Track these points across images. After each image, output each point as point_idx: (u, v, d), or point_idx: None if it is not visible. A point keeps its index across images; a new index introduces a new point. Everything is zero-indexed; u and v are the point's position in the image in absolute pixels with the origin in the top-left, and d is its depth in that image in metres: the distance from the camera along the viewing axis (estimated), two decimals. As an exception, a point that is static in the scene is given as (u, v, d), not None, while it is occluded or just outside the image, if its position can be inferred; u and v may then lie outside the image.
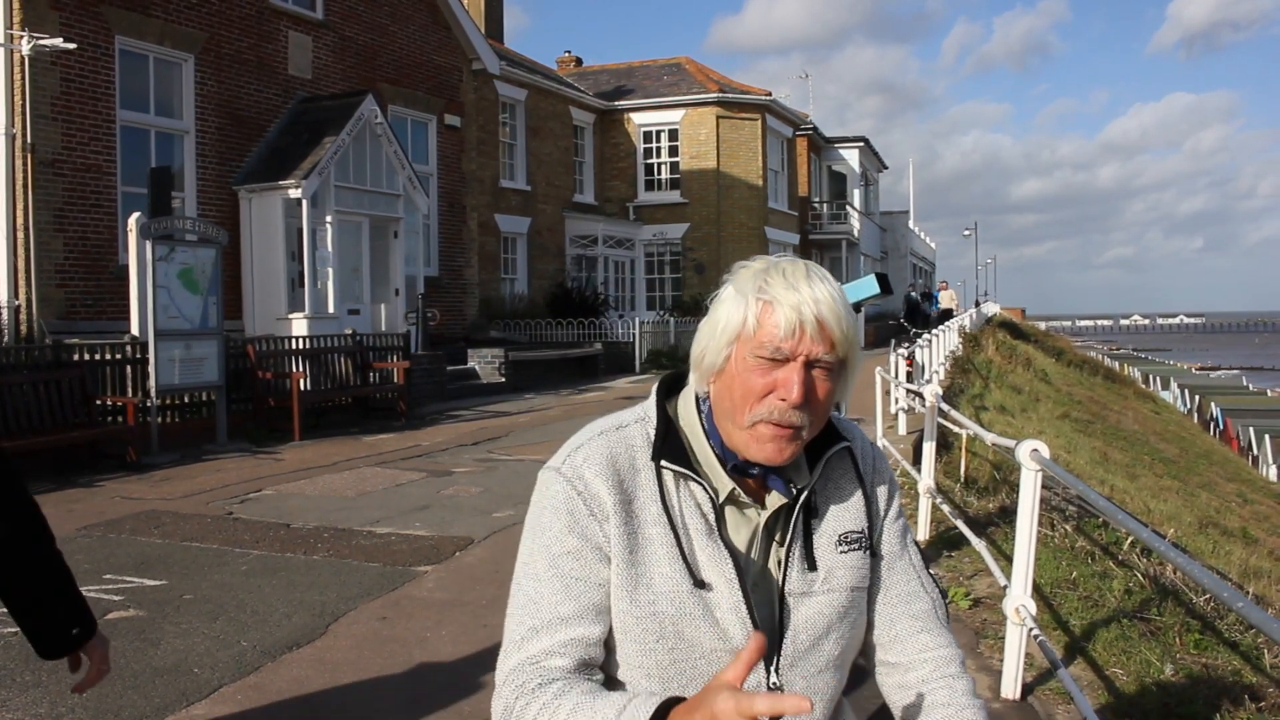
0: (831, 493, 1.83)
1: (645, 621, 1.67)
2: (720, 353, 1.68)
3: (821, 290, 1.64)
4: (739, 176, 33.01)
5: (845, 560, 1.79)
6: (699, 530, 1.70)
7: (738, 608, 1.67)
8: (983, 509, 8.61)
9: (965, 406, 15.60)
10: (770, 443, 1.65)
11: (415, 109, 21.83)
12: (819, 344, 1.63)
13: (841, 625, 1.78)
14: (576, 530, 1.69)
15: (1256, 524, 20.83)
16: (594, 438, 1.77)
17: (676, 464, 1.71)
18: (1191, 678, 4.90)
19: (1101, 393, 32.89)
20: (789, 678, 1.73)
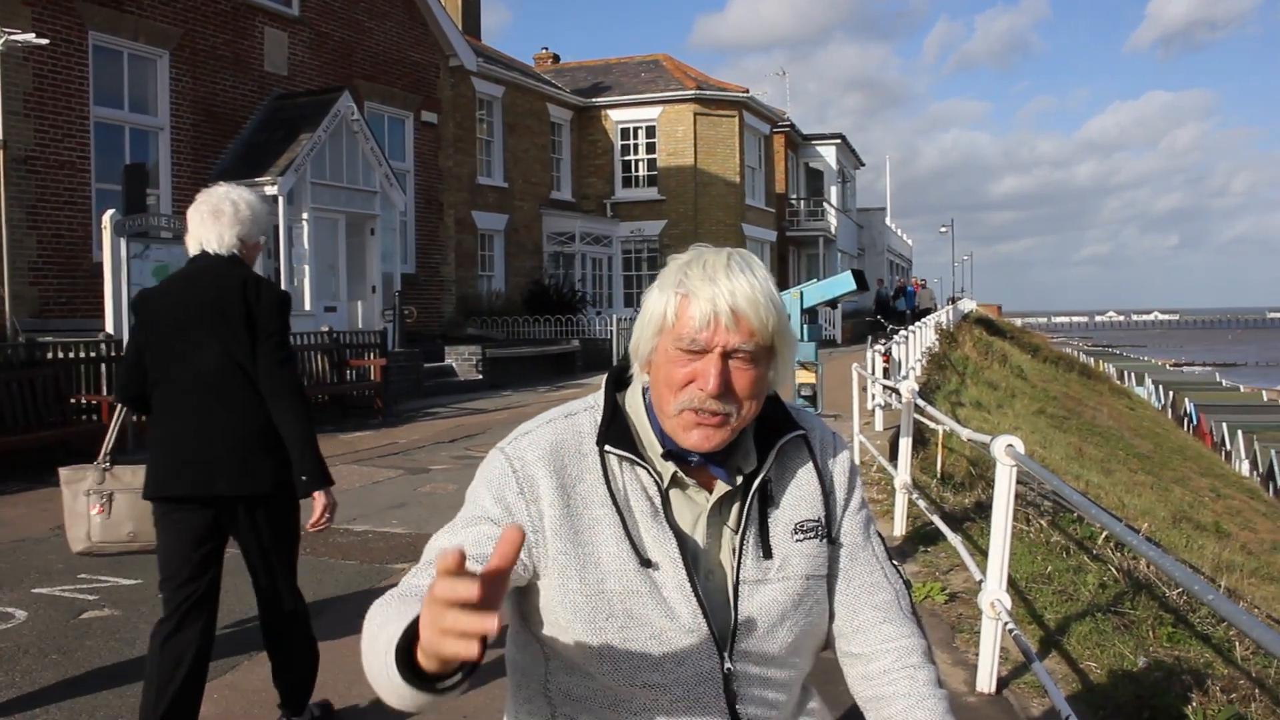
0: (787, 480, 1.84)
1: (594, 600, 1.68)
2: (648, 344, 1.73)
3: (740, 281, 1.67)
4: (716, 173, 33.04)
5: (801, 548, 1.80)
6: (644, 512, 1.73)
7: (683, 586, 1.69)
8: (959, 504, 8.65)
9: (942, 403, 15.67)
10: (695, 430, 1.68)
11: (392, 106, 21.78)
12: (735, 334, 1.66)
13: (796, 614, 1.78)
14: (503, 504, 1.71)
15: (1229, 518, 20.99)
16: (543, 425, 1.80)
17: (620, 448, 1.74)
18: (1164, 670, 4.94)
19: (1077, 389, 33.07)
20: (743, 664, 1.73)
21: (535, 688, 1.79)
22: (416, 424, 14.39)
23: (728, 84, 34.86)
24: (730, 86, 34.39)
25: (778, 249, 38.87)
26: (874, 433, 12.32)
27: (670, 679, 1.69)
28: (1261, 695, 4.74)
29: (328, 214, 18.25)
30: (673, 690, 1.69)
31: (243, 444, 3.71)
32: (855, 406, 11.60)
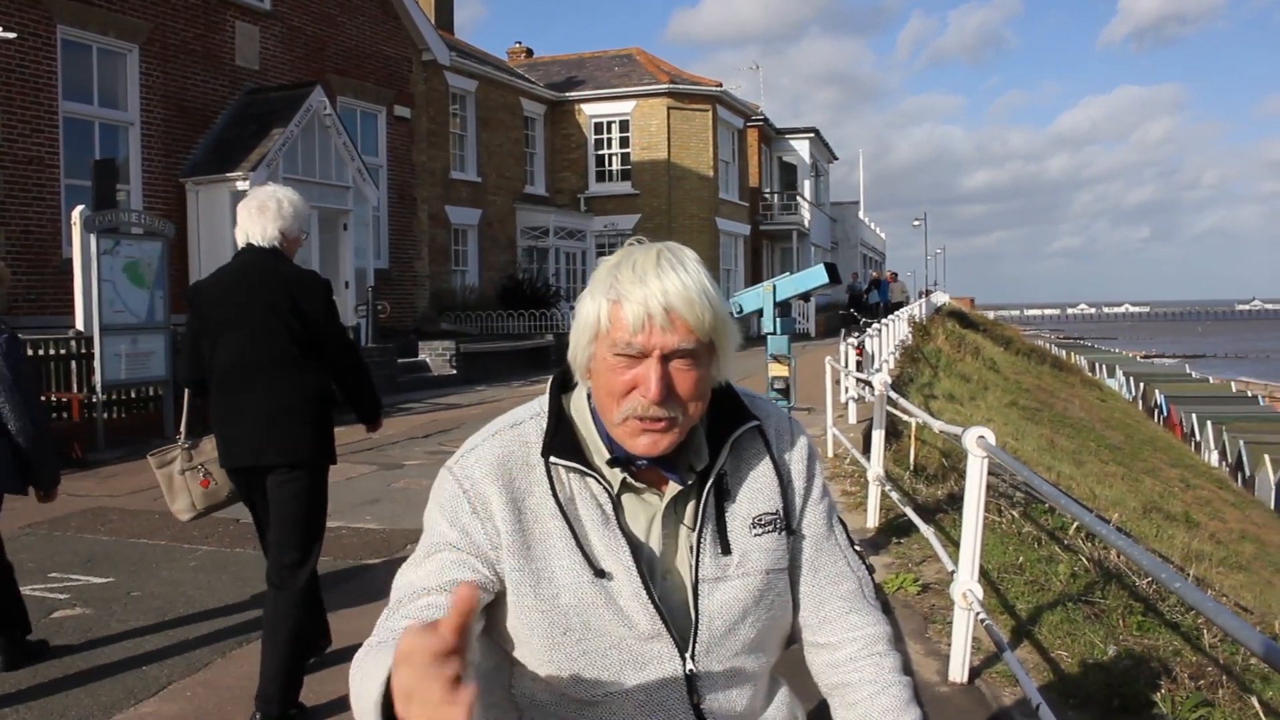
0: (743, 473, 1.81)
1: (550, 615, 1.66)
2: (584, 352, 1.68)
3: (671, 279, 1.61)
4: (690, 167, 33.05)
5: (759, 543, 1.77)
6: (595, 521, 1.70)
7: (638, 594, 1.66)
8: (931, 496, 8.70)
9: (915, 395, 15.74)
10: (642, 436, 1.64)
11: (364, 100, 21.68)
12: (672, 334, 1.60)
13: (758, 609, 1.76)
14: (458, 526, 1.69)
15: (1198, 508, 21.17)
16: (489, 438, 1.77)
17: (566, 459, 1.71)
18: (1134, 658, 4.98)
19: (1049, 381, 33.26)
20: (705, 663, 1.71)
21: (500, 693, 1.78)
22: (390, 420, 14.31)
23: (701, 78, 34.87)
24: (704, 80, 34.41)
25: (751, 243, 38.94)
26: (847, 425, 12.37)
27: (633, 685, 1.68)
28: (1229, 682, 4.79)
29: (300, 209, 18.15)
30: (636, 696, 1.68)
31: (287, 418, 4.21)
32: (829, 399, 11.64)
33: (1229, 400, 58.88)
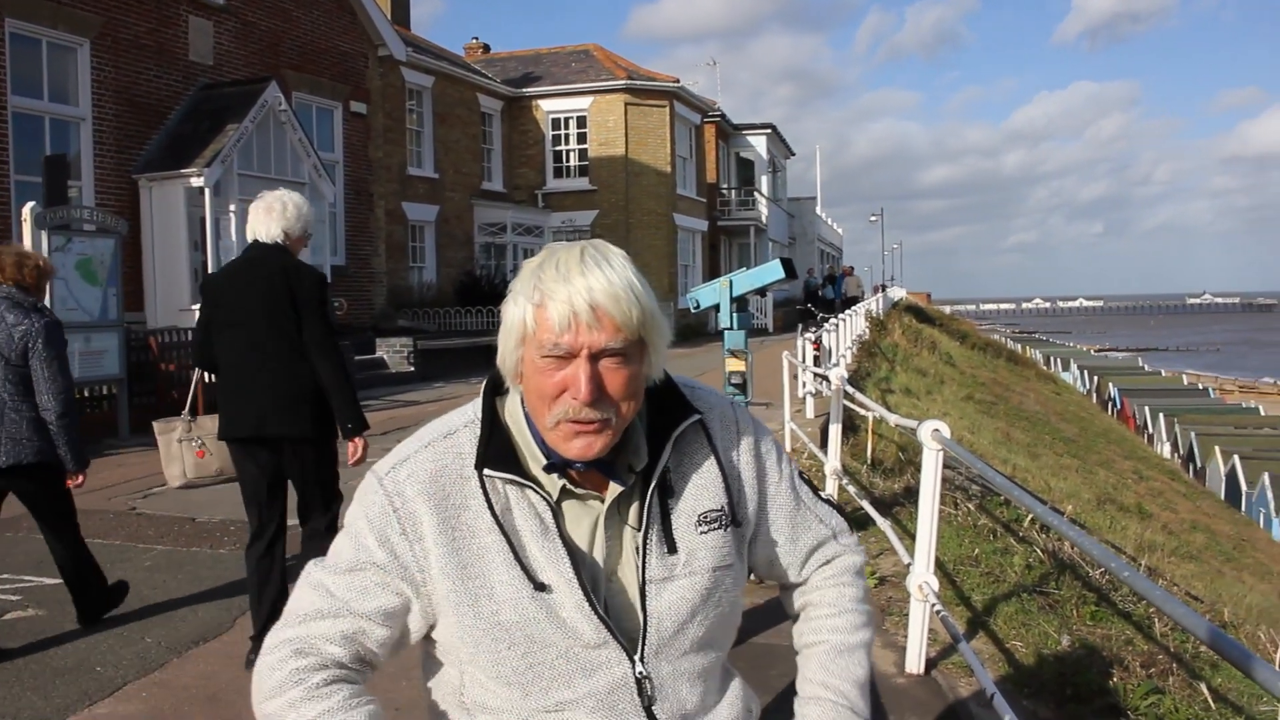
0: (687, 470, 1.77)
1: (493, 631, 1.64)
2: (513, 355, 1.64)
3: (596, 277, 1.57)
4: (647, 163, 33.07)
5: (706, 541, 1.74)
6: (534, 532, 1.66)
7: (580, 606, 1.63)
8: (888, 489, 8.76)
9: (872, 390, 15.83)
10: (576, 439, 1.60)
11: (320, 96, 21.53)
12: (600, 333, 1.56)
13: (706, 607, 1.74)
14: (386, 546, 1.67)
15: (1151, 499, 21.44)
16: (421, 449, 1.73)
17: (501, 470, 1.67)
18: (1087, 648, 5.05)
19: (1004, 375, 33.56)
20: (655, 665, 1.69)
21: (451, 700, 1.76)
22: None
23: (658, 74, 34.89)
24: (661, 76, 34.43)
25: (709, 238, 39.01)
26: (805, 420, 12.43)
27: (582, 693, 1.66)
28: (1179, 669, 4.87)
29: (255, 205, 18.02)
30: (586, 703, 1.66)
31: (287, 396, 4.73)
32: (786, 394, 11.70)
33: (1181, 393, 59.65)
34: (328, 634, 1.66)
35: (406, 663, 4.47)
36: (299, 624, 1.68)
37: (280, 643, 1.68)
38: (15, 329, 5.05)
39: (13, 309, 5.10)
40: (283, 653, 1.67)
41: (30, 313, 5.15)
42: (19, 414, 5.02)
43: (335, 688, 1.65)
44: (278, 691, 1.64)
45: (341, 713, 1.63)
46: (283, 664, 1.65)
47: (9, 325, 5.05)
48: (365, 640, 1.68)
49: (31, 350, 5.05)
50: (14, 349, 5.03)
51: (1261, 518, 35.27)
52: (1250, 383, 75.51)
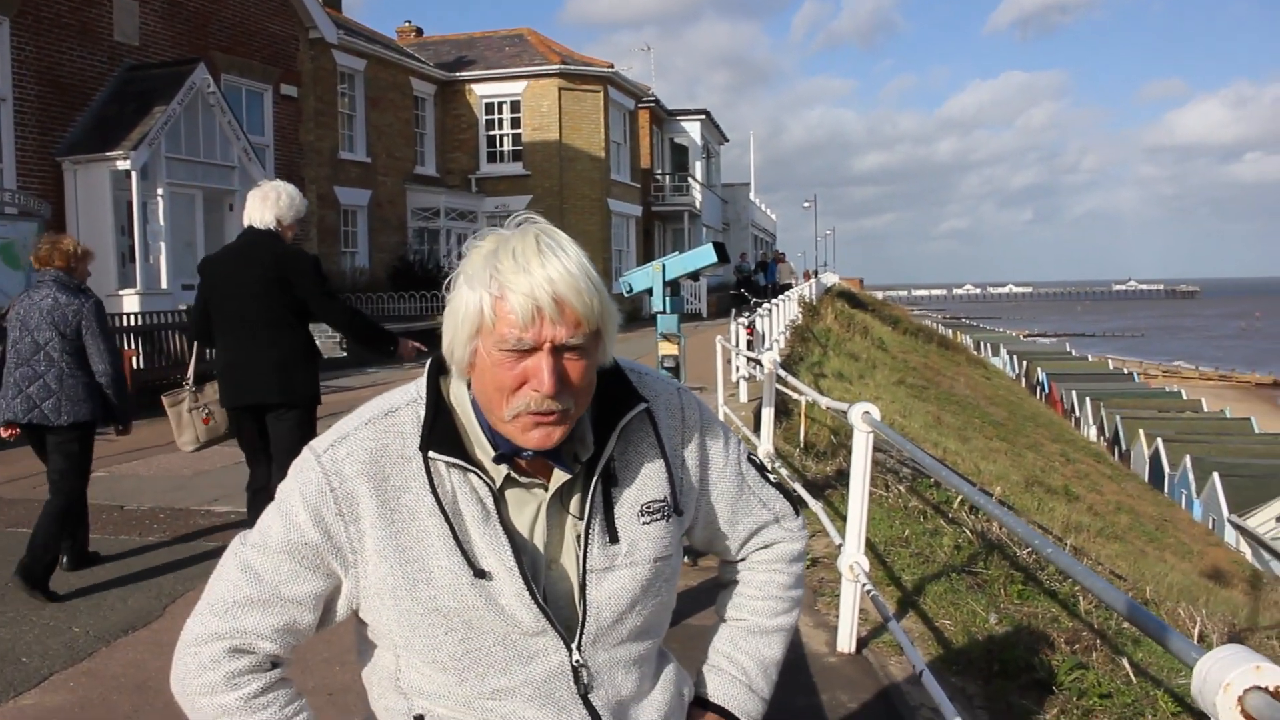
0: (632, 460, 1.75)
1: (430, 617, 1.63)
2: (466, 347, 1.59)
3: (555, 266, 1.54)
4: (581, 148, 33.01)
5: (648, 531, 1.73)
6: (476, 517, 1.64)
7: (520, 594, 1.62)
8: (821, 472, 8.85)
9: (805, 374, 15.95)
10: (535, 430, 1.57)
11: (250, 78, 21.23)
12: (562, 326, 1.54)
13: (645, 597, 1.74)
14: (321, 525, 1.63)
15: (1078, 481, 21.84)
16: (361, 426, 1.68)
17: (445, 454, 1.63)
18: (1014, 626, 5.15)
19: (935, 359, 33.95)
20: (592, 653, 1.69)
21: (388, 683, 1.75)
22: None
23: (592, 59, 34.82)
24: (595, 61, 34.35)
25: (643, 223, 39.03)
26: (739, 404, 12.51)
27: (519, 681, 1.65)
28: (1102, 645, 4.98)
29: (184, 189, 17.76)
30: (522, 691, 1.66)
31: (279, 367, 5.29)
32: (719, 378, 11.76)
33: (1106, 377, 60.73)
34: (259, 628, 1.64)
35: (340, 648, 4.48)
36: (228, 614, 1.64)
37: (211, 636, 1.65)
38: (68, 308, 5.82)
39: (63, 290, 5.87)
40: (215, 650, 1.64)
41: (78, 294, 5.93)
42: (75, 379, 5.84)
43: (271, 696, 1.65)
44: (210, 692, 1.64)
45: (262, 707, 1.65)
46: (215, 665, 1.64)
47: (62, 305, 5.81)
48: (296, 628, 1.67)
49: (85, 327, 5.84)
50: (69, 325, 5.81)
51: (1183, 499, 36.04)
52: (1173, 367, 77.06)
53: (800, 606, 2.03)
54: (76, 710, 4.23)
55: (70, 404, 5.80)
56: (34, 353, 5.79)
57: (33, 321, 5.81)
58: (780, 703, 4.34)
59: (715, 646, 1.99)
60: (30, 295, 5.93)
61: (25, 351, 5.80)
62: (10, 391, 5.80)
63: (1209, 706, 1.50)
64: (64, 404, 5.79)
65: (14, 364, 5.82)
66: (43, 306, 5.81)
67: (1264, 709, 1.43)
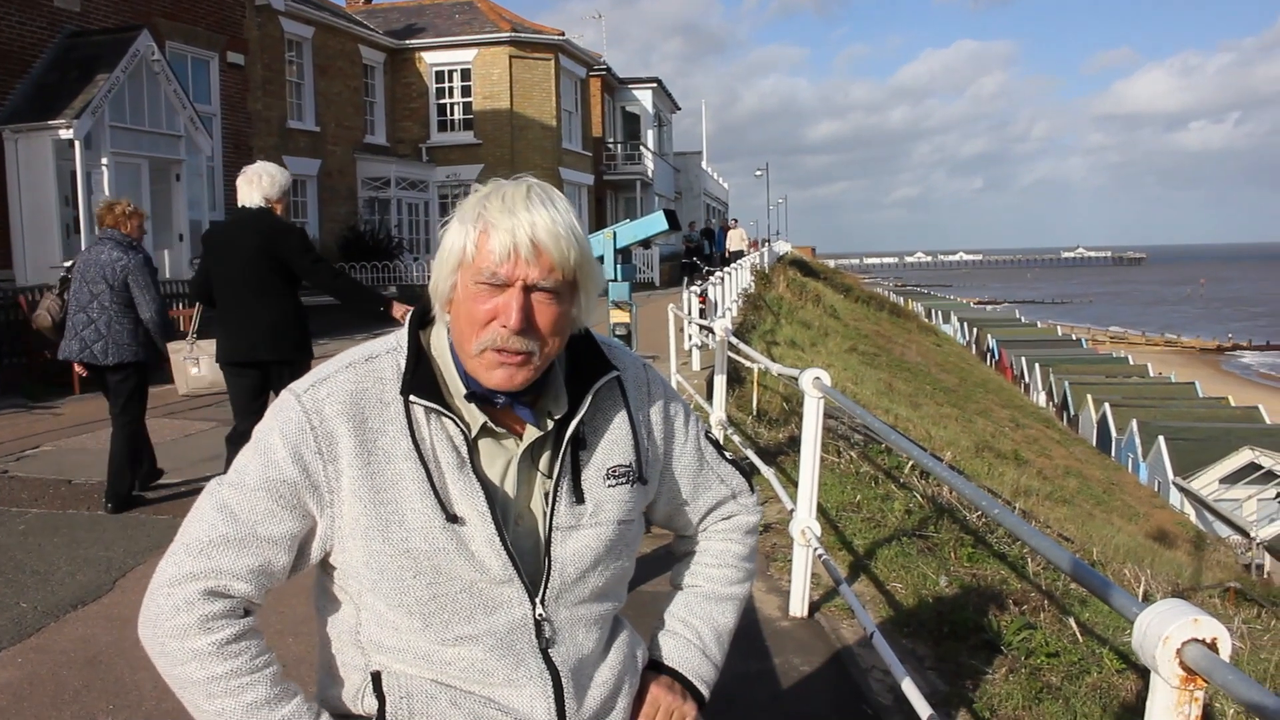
0: (600, 424, 1.82)
1: (400, 559, 1.65)
2: (447, 280, 1.68)
3: (540, 214, 1.63)
4: (533, 117, 32.82)
5: (613, 494, 1.79)
6: (451, 464, 1.68)
7: (491, 540, 1.66)
8: (773, 439, 8.90)
9: (757, 342, 16.02)
10: (498, 369, 1.64)
11: (195, 46, 20.89)
12: (535, 268, 1.62)
13: (608, 558, 1.79)
14: (300, 463, 1.66)
15: (1027, 446, 22.12)
16: (342, 369, 1.73)
17: (425, 399, 1.69)
18: (964, 588, 5.22)
19: (887, 327, 34.19)
20: (554, 609, 1.74)
21: (347, 638, 1.77)
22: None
23: (543, 26, 34.58)
24: (545, 29, 34.13)
25: (595, 192, 38.93)
26: (691, 372, 12.55)
27: (482, 630, 1.68)
28: (1050, 605, 5.07)
29: (129, 159, 17.49)
30: (485, 640, 1.69)
31: (272, 327, 5.90)
32: (672, 347, 11.79)
33: (1055, 343, 61.49)
34: (235, 569, 1.63)
35: (293, 620, 4.47)
36: (203, 553, 1.64)
37: (185, 576, 1.63)
38: (117, 263, 6.71)
39: (115, 247, 6.78)
40: (189, 591, 1.63)
41: (128, 250, 6.82)
42: (120, 325, 6.74)
43: (243, 645, 1.64)
44: (181, 635, 1.62)
45: (248, 675, 1.63)
46: (190, 607, 1.62)
47: (112, 260, 6.72)
48: (271, 570, 1.67)
49: (131, 279, 6.72)
50: (116, 278, 6.70)
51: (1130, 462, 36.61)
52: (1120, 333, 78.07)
53: (753, 578, 2.09)
54: (25, 686, 4.19)
55: (115, 347, 6.74)
56: (89, 301, 6.74)
57: (89, 274, 6.74)
58: (733, 668, 4.37)
59: (671, 612, 2.05)
60: (90, 251, 6.88)
61: (82, 300, 6.75)
62: (69, 334, 6.81)
63: (1149, 659, 1.54)
64: (110, 346, 6.73)
65: (72, 311, 6.80)
66: (98, 260, 6.75)
67: (1201, 660, 1.47)
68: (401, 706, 1.69)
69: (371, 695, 1.72)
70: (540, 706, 1.71)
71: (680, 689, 1.94)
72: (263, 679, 1.64)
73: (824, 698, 4.10)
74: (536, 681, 1.71)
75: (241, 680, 1.62)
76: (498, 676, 1.70)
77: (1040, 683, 4.14)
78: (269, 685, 1.65)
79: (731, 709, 3.84)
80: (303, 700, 1.68)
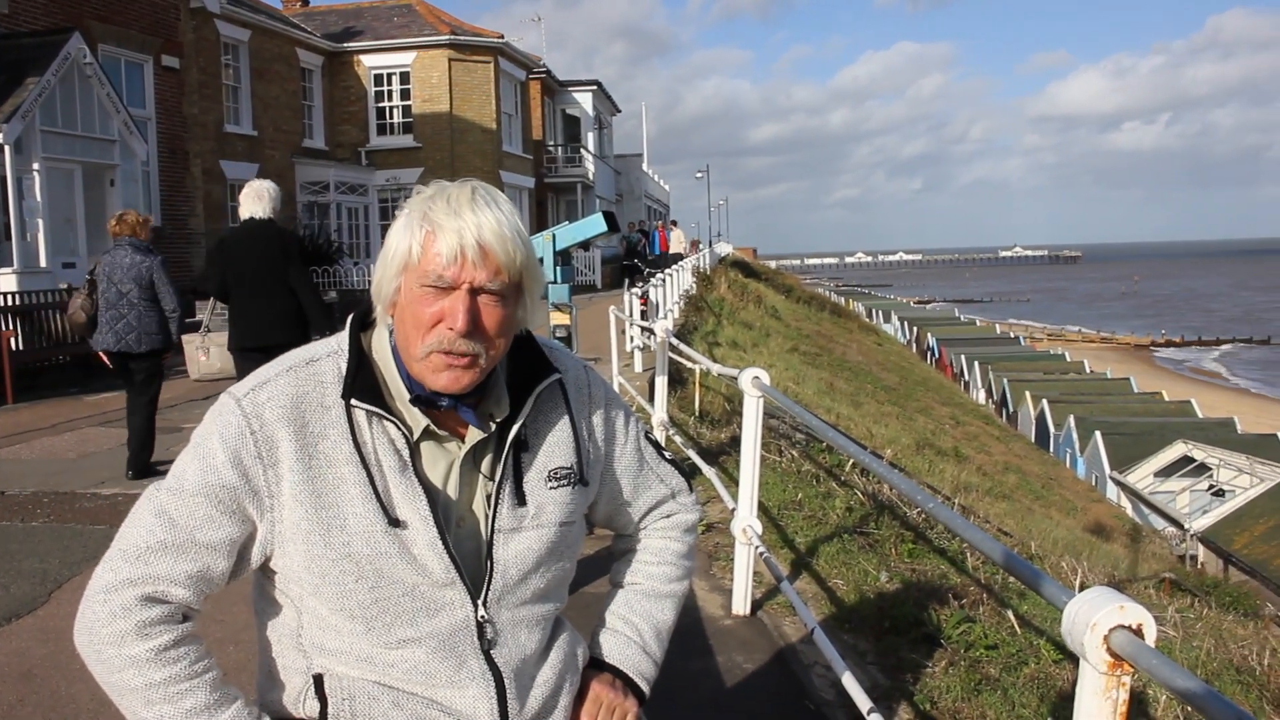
0: (542, 427, 1.82)
1: (342, 563, 1.64)
2: (391, 283, 1.67)
3: (486, 215, 1.63)
4: (473, 120, 32.70)
5: (555, 496, 1.80)
6: (393, 467, 1.68)
7: (433, 543, 1.66)
8: (715, 439, 8.94)
9: (699, 343, 16.07)
10: (444, 372, 1.64)
11: (129, 49, 20.60)
12: (482, 270, 1.62)
13: (549, 559, 1.80)
14: (239, 468, 1.64)
15: (967, 443, 22.36)
16: (282, 373, 1.72)
17: (366, 402, 1.68)
18: (904, 583, 5.28)
19: (828, 327, 34.41)
20: (496, 610, 1.74)
21: (288, 641, 1.75)
22: (168, 382, 13.79)
23: (482, 29, 34.46)
24: (485, 32, 34.02)
25: (536, 195, 38.86)
26: (634, 374, 12.56)
27: (424, 632, 1.68)
28: (989, 599, 5.13)
29: (62, 164, 17.20)
30: (427, 643, 1.68)
31: (281, 316, 6.93)
32: (614, 349, 11.79)
33: (994, 341, 62.25)
34: (173, 574, 1.62)
35: (234, 628, 4.44)
36: (140, 559, 1.62)
37: (122, 582, 1.62)
38: (142, 265, 7.88)
39: (135, 251, 7.93)
40: (126, 597, 1.61)
41: (148, 253, 8.03)
42: (149, 318, 7.90)
43: (182, 650, 1.63)
44: (119, 642, 1.60)
45: (186, 681, 1.62)
46: (127, 613, 1.60)
47: (136, 262, 7.87)
48: (210, 575, 1.65)
49: (156, 278, 7.91)
50: (143, 278, 7.85)
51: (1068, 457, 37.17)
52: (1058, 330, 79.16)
53: (691, 576, 2.11)
54: (-41, 699, 4.13)
55: (146, 336, 7.90)
56: (119, 299, 7.80)
57: (116, 275, 7.80)
58: (676, 667, 4.40)
59: (611, 610, 2.05)
60: (112, 256, 7.91)
61: (112, 298, 7.80)
62: (104, 328, 7.85)
63: (1078, 646, 1.57)
64: (142, 336, 7.87)
65: (104, 308, 7.83)
66: (123, 264, 7.82)
67: (1127, 646, 1.50)
68: (344, 709, 1.69)
69: (313, 698, 1.71)
70: (483, 707, 1.71)
71: (621, 686, 1.95)
72: (202, 684, 1.63)
73: (766, 694, 4.13)
74: (479, 682, 1.71)
75: (180, 686, 1.61)
76: (440, 678, 1.70)
77: (979, 674, 4.19)
78: (208, 690, 1.63)
79: (675, 707, 3.85)
80: (243, 705, 1.67)
